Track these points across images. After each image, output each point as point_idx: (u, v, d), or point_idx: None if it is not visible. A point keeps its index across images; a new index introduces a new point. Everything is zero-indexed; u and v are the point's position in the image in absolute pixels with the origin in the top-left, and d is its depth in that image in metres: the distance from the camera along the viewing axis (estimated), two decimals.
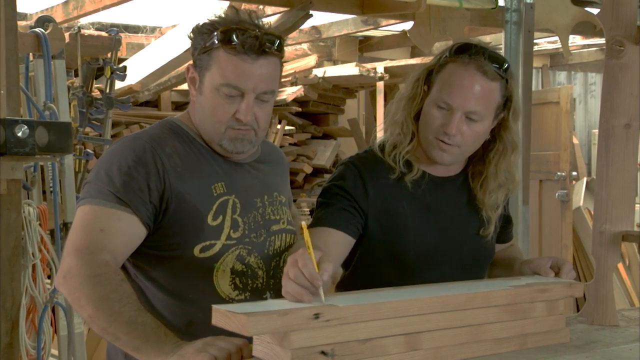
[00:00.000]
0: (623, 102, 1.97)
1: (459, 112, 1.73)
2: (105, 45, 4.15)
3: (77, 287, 1.42)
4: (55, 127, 2.46)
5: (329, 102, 5.79)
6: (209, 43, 1.56)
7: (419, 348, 1.42)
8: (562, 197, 5.05)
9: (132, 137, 1.62)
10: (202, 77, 1.59)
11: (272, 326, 1.26)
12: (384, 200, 1.79)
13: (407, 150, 1.81)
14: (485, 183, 1.85)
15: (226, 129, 1.59)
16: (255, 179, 1.71)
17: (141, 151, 1.56)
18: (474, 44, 1.77)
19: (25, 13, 4.87)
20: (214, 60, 1.56)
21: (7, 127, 2.25)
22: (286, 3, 3.73)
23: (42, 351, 2.73)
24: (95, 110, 3.92)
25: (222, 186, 1.62)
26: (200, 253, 1.57)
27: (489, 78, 1.74)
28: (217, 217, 1.59)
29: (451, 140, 1.75)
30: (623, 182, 1.97)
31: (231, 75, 1.55)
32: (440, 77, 1.77)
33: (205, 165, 1.63)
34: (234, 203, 1.63)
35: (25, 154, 2.31)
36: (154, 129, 1.66)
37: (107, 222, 1.49)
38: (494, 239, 1.93)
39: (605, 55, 2.02)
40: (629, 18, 1.96)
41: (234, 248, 1.61)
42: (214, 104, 1.58)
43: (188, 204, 1.57)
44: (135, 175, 1.52)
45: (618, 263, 2.02)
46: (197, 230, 1.57)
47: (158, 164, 1.55)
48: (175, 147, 1.60)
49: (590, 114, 7.90)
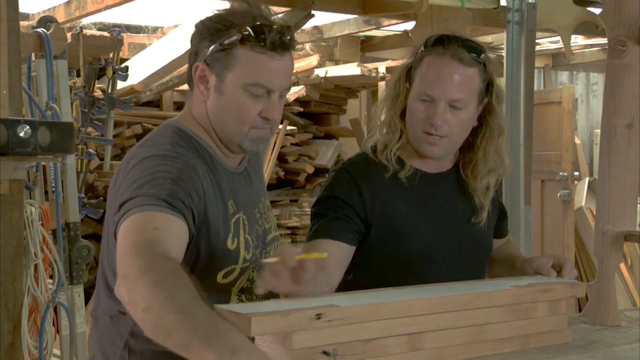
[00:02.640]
0: (625, 102, 1.97)
1: (442, 102, 1.74)
2: (107, 45, 4.15)
3: (134, 281, 1.21)
4: (57, 127, 2.46)
5: (331, 102, 5.79)
6: (228, 40, 1.47)
7: (421, 348, 1.42)
8: (564, 197, 5.04)
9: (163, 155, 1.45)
10: (222, 76, 1.49)
11: (274, 326, 1.26)
12: (380, 200, 1.79)
13: (398, 147, 1.81)
14: (475, 169, 1.85)
15: (249, 129, 1.52)
16: (249, 188, 1.64)
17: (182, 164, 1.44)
18: (447, 35, 1.78)
19: (27, 13, 4.88)
20: (238, 59, 1.47)
21: (9, 127, 2.25)
22: (288, 3, 3.73)
23: (45, 351, 2.74)
24: (97, 111, 3.92)
25: (232, 204, 1.54)
26: (223, 279, 1.52)
27: (466, 65, 1.74)
28: (234, 240, 1.53)
29: (438, 132, 1.75)
30: (625, 182, 1.97)
31: (260, 75, 1.48)
32: (419, 71, 1.78)
33: (219, 182, 1.52)
34: (243, 221, 1.55)
35: (27, 154, 2.30)
36: (172, 144, 1.50)
37: (160, 222, 1.34)
38: (491, 232, 1.93)
39: (607, 55, 2.02)
40: (631, 18, 1.96)
41: (250, 270, 1.56)
42: (240, 103, 1.50)
43: (212, 228, 1.48)
44: (180, 186, 1.40)
45: (620, 263, 2.02)
46: (219, 256, 1.50)
47: (197, 181, 1.45)
48: (200, 166, 1.49)
49: (592, 114, 7.89)
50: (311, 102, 5.60)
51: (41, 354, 2.71)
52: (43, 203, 2.97)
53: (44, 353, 2.73)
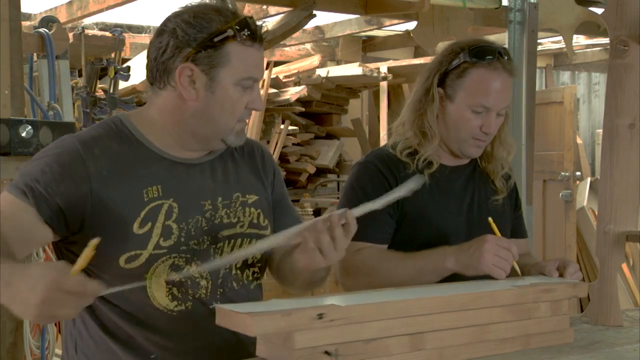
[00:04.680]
0: (627, 102, 1.97)
1: (495, 112, 1.88)
2: (109, 45, 4.16)
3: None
4: (59, 127, 2.46)
5: (332, 102, 5.79)
6: (218, 38, 1.46)
7: (422, 348, 1.42)
8: (565, 197, 5.04)
9: (64, 137, 1.54)
10: (213, 74, 1.47)
11: (275, 326, 1.26)
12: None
13: (430, 153, 1.91)
14: (493, 155, 1.99)
15: (237, 123, 1.53)
16: (209, 179, 1.58)
17: (64, 151, 1.48)
18: (488, 45, 1.88)
19: (29, 13, 4.88)
20: (229, 55, 1.47)
21: (11, 127, 2.26)
22: (290, 3, 3.73)
23: (46, 351, 2.74)
24: (99, 110, 3.93)
25: (157, 190, 1.50)
26: (126, 264, 1.46)
27: (511, 74, 1.89)
28: (144, 224, 1.47)
29: (488, 137, 1.91)
30: (627, 182, 1.97)
31: (251, 67, 1.50)
32: (466, 82, 1.87)
33: (140, 167, 1.51)
34: (170, 207, 1.50)
35: (29, 154, 2.31)
36: (93, 129, 1.56)
37: (7, 206, 1.43)
38: (507, 219, 2.02)
39: (609, 55, 2.02)
40: (633, 18, 1.96)
41: (165, 257, 1.48)
42: (233, 98, 1.50)
43: (111, 212, 1.46)
44: (47, 173, 1.45)
45: (622, 263, 2.01)
46: (121, 240, 1.46)
47: (79, 168, 1.46)
48: (108, 149, 1.50)
49: (594, 114, 7.89)
50: (313, 102, 5.60)
51: (43, 354, 2.72)
52: None
53: (45, 353, 2.73)
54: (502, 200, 2.01)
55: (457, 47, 1.89)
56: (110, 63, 3.96)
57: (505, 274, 1.69)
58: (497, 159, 2.00)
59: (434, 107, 1.90)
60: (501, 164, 2.01)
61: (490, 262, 1.68)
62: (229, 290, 1.55)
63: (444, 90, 1.90)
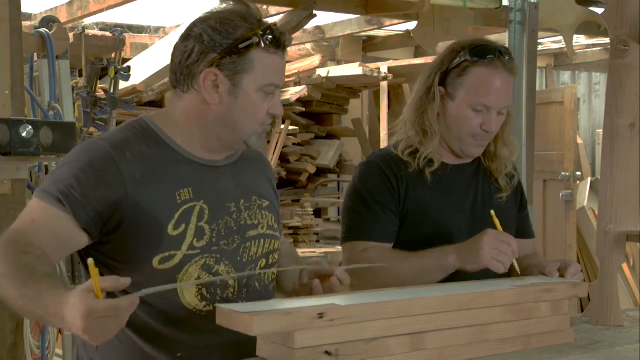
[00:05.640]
0: (628, 102, 1.97)
1: (495, 111, 1.88)
2: (110, 45, 4.15)
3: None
4: (59, 127, 2.46)
5: (333, 102, 5.79)
6: (244, 45, 1.49)
7: (423, 348, 1.42)
8: (566, 197, 5.04)
9: (93, 140, 1.57)
10: (237, 80, 1.51)
11: (276, 326, 1.26)
12: (405, 187, 1.91)
13: (431, 151, 1.92)
14: (496, 155, 2.00)
15: (259, 127, 1.57)
16: (231, 182, 1.63)
17: (96, 156, 1.49)
18: (489, 44, 1.89)
19: (29, 13, 4.88)
20: (254, 62, 1.51)
21: (12, 127, 2.26)
22: (290, 3, 3.73)
23: (47, 351, 2.74)
24: (100, 111, 3.92)
25: (188, 192, 1.54)
26: (160, 265, 1.49)
27: (511, 73, 1.90)
28: (179, 226, 1.51)
29: (488, 136, 1.91)
30: (628, 182, 1.97)
31: (274, 74, 1.54)
32: (467, 80, 1.88)
33: (171, 170, 1.55)
34: (201, 209, 1.54)
35: (29, 154, 2.31)
36: (120, 131, 1.59)
37: (41, 215, 1.45)
38: (511, 218, 2.02)
39: (609, 55, 2.02)
40: (633, 18, 1.96)
41: (197, 258, 1.52)
42: (255, 104, 1.54)
43: (146, 214, 1.49)
44: (82, 179, 1.46)
45: (622, 263, 2.01)
46: (156, 241, 1.49)
47: (113, 171, 1.48)
48: (138, 151, 1.53)
49: (594, 114, 7.88)
50: (313, 102, 5.60)
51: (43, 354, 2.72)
52: None
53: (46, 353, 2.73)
54: (506, 198, 2.02)
55: (459, 47, 1.91)
56: (110, 63, 3.96)
57: (505, 268, 1.70)
58: (501, 159, 2.01)
59: (434, 105, 1.91)
60: (504, 163, 2.02)
61: (489, 254, 1.69)
62: (252, 289, 1.60)
63: (445, 89, 1.91)
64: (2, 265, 1.33)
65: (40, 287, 1.27)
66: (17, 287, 1.29)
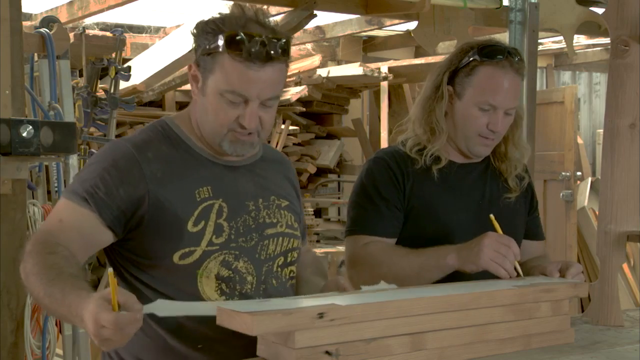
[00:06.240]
0: (628, 102, 1.97)
1: (502, 110, 1.89)
2: (110, 45, 4.16)
3: (23, 263, 1.44)
4: (60, 127, 2.46)
5: (333, 102, 5.79)
6: (212, 46, 1.52)
7: (423, 348, 1.42)
8: (566, 197, 5.04)
9: (116, 141, 1.64)
10: (205, 78, 1.56)
11: (276, 325, 1.26)
12: (410, 184, 1.93)
13: (437, 149, 1.94)
14: (507, 156, 2.01)
15: (228, 132, 1.57)
16: (250, 182, 1.67)
17: (120, 156, 1.56)
18: (498, 45, 1.92)
19: (30, 13, 4.89)
20: (218, 65, 1.52)
21: (12, 127, 2.26)
22: (290, 3, 3.73)
23: (47, 351, 2.74)
24: (100, 110, 3.92)
25: (207, 190, 1.59)
26: (180, 260, 1.54)
27: (520, 75, 1.92)
28: (198, 222, 1.56)
29: (495, 135, 1.92)
30: (628, 182, 1.97)
31: (236, 83, 1.52)
32: (475, 80, 1.90)
33: (191, 169, 1.60)
34: (220, 207, 1.59)
35: (30, 154, 2.31)
36: (142, 132, 1.65)
37: (68, 215, 1.52)
38: (518, 219, 2.03)
39: (610, 54, 2.02)
40: (634, 18, 1.96)
41: (217, 254, 1.57)
42: (217, 107, 1.55)
43: (167, 211, 1.54)
44: (106, 179, 1.53)
45: (623, 263, 2.02)
46: (176, 238, 1.54)
47: (135, 170, 1.54)
48: (159, 152, 1.59)
49: (594, 114, 7.88)
50: (313, 102, 5.60)
51: (44, 354, 2.72)
52: (45, 203, 2.98)
53: (46, 353, 2.73)
54: (516, 198, 2.02)
55: (468, 46, 1.94)
56: (111, 63, 3.96)
57: (504, 271, 1.70)
58: (511, 160, 2.01)
59: (442, 104, 1.93)
60: (515, 164, 2.02)
61: (488, 256, 1.70)
62: (269, 286, 1.63)
63: (454, 88, 1.93)
64: (31, 263, 1.42)
65: (65, 287, 1.34)
66: (44, 286, 1.36)
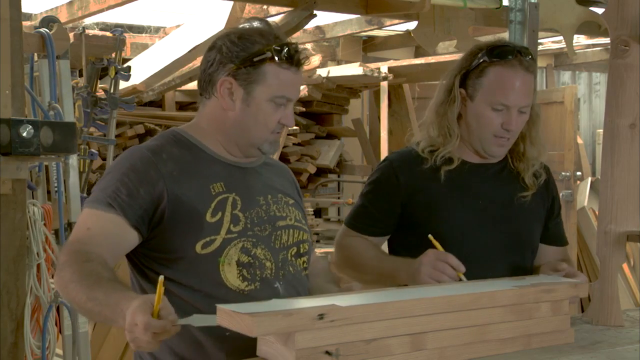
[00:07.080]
0: (628, 102, 1.97)
1: (515, 109, 1.91)
2: (110, 45, 4.15)
3: (59, 273, 1.54)
4: (59, 127, 2.46)
5: (333, 102, 5.79)
6: (258, 58, 1.65)
7: (423, 348, 1.42)
8: (566, 197, 5.04)
9: (131, 149, 1.74)
10: (249, 90, 1.67)
11: (276, 326, 1.26)
12: (417, 184, 1.96)
13: (449, 151, 1.96)
14: (525, 156, 2.02)
15: (270, 134, 1.71)
16: (259, 181, 1.78)
17: (136, 160, 1.66)
18: (506, 44, 1.94)
19: (30, 13, 4.88)
20: (267, 74, 1.66)
21: (12, 127, 2.26)
22: (290, 3, 3.73)
23: (47, 351, 2.74)
24: (100, 110, 3.92)
25: (221, 186, 1.70)
26: (202, 249, 1.63)
27: (531, 72, 1.94)
28: (215, 213, 1.66)
29: (510, 135, 1.94)
30: (628, 182, 1.97)
31: (285, 88, 1.69)
32: (486, 81, 1.92)
33: (204, 168, 1.71)
34: (234, 200, 1.69)
35: (30, 154, 2.31)
36: (154, 140, 1.76)
37: (95, 222, 1.61)
38: (535, 221, 2.03)
39: (610, 54, 2.02)
40: (634, 18, 1.96)
41: (236, 241, 1.66)
42: (266, 113, 1.69)
43: (185, 205, 1.64)
44: (126, 182, 1.63)
45: (623, 263, 2.01)
46: (197, 229, 1.64)
47: (152, 171, 1.65)
48: (172, 154, 1.70)
49: (594, 114, 7.89)
50: (313, 102, 5.60)
51: (44, 354, 2.72)
52: (45, 203, 2.97)
53: (46, 353, 2.73)
54: (534, 202, 2.02)
55: (477, 48, 1.96)
56: (110, 63, 3.96)
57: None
58: (529, 159, 2.02)
59: (454, 107, 1.95)
60: (532, 162, 2.03)
61: (426, 274, 1.75)
62: (287, 273, 1.71)
63: (466, 91, 1.95)
64: (69, 272, 1.51)
65: (107, 290, 1.44)
66: (86, 292, 1.46)
